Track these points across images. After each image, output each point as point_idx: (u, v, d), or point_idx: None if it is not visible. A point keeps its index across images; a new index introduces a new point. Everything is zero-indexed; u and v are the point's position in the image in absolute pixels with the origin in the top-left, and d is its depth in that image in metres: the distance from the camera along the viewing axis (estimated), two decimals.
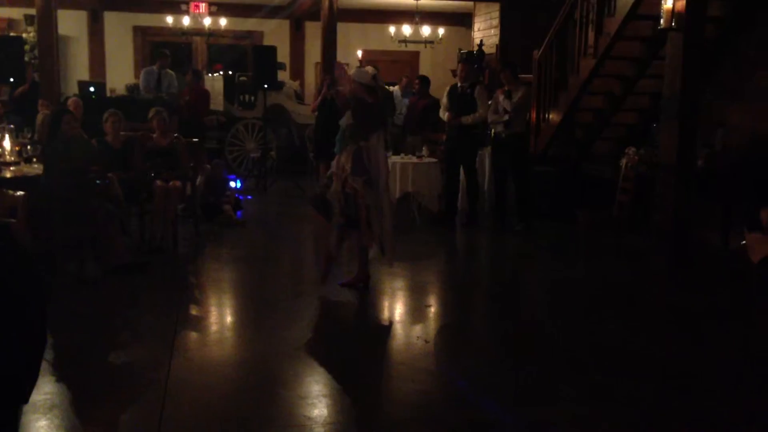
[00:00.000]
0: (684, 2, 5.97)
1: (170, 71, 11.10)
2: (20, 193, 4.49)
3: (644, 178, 6.85)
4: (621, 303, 5.62)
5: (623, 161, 6.82)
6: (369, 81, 5.40)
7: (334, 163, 5.51)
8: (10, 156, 6.58)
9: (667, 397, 3.84)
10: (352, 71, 5.77)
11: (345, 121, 5.44)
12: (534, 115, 8.74)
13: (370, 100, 5.39)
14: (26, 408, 3.32)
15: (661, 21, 6.15)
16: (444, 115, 8.17)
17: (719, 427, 3.55)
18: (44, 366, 3.33)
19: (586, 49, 7.86)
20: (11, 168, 6.34)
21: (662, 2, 6.11)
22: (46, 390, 3.62)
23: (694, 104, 6.25)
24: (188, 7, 12.22)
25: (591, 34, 7.76)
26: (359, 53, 13.33)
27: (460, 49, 11.81)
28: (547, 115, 8.70)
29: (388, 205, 5.55)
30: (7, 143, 6.62)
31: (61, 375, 3.87)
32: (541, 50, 8.58)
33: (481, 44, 11.26)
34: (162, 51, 11.37)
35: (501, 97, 7.89)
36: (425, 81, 9.81)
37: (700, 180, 6.64)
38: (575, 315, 5.29)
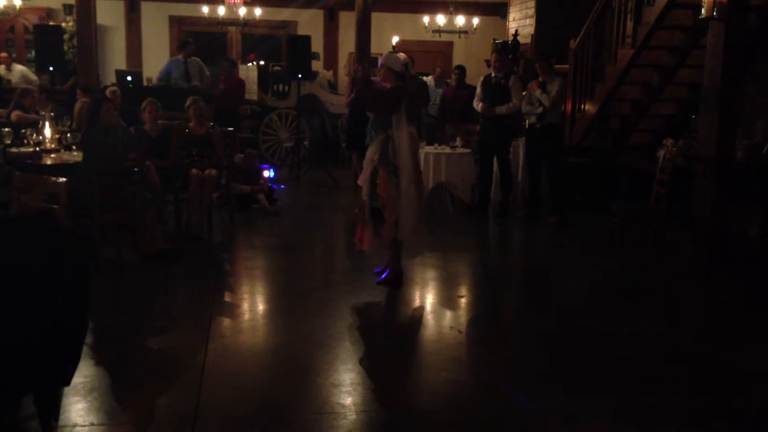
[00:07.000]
0: None
1: (196, 58, 11.01)
2: (62, 179, 4.57)
3: (682, 171, 6.75)
4: (656, 296, 5.55)
5: (661, 153, 6.72)
6: (400, 68, 5.26)
7: (368, 153, 5.38)
8: (51, 143, 6.71)
9: (704, 391, 3.80)
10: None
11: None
12: (569, 105, 8.64)
13: (387, 86, 5.22)
14: (66, 390, 3.40)
15: (702, 10, 6.05)
16: (477, 105, 8.13)
17: (759, 423, 3.50)
18: (84, 350, 3.39)
19: (624, 39, 7.75)
20: (52, 155, 6.47)
21: None
22: (86, 373, 3.70)
23: (735, 95, 6.14)
24: None
25: (629, 24, 7.66)
26: (395, 39, 13.20)
27: (494, 39, 11.71)
28: (582, 106, 8.60)
29: (415, 198, 5.26)
30: (47, 131, 6.76)
31: (100, 359, 3.95)
32: (578, 40, 8.47)
33: (516, 34, 11.15)
34: (186, 39, 11.35)
35: (537, 90, 7.80)
36: (464, 71, 9.76)
37: (740, 172, 6.51)
38: (609, 307, 5.24)
